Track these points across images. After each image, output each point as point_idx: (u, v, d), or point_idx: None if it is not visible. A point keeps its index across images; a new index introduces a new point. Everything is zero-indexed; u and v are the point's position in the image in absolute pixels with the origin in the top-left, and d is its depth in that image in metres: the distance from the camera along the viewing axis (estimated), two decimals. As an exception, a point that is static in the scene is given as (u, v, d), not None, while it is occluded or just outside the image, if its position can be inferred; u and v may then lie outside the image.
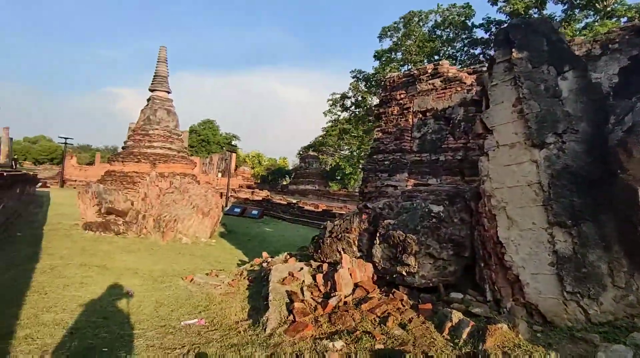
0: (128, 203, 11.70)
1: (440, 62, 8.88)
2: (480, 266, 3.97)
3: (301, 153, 63.34)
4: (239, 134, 70.47)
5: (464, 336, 3.06)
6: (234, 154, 50.20)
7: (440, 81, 8.60)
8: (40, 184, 24.89)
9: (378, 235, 4.66)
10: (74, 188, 31.33)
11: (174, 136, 23.68)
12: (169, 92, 24.21)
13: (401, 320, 3.68)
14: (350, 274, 4.59)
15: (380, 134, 10.21)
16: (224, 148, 63.61)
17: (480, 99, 5.45)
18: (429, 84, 8.84)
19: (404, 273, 4.26)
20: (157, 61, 23.88)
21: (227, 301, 4.84)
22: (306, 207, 21.42)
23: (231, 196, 27.31)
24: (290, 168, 71.30)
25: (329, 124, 48.60)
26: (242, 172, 54.77)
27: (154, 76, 23.72)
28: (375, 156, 10.01)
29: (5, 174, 7.82)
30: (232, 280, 5.60)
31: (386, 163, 9.46)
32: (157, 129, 22.80)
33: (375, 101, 43.54)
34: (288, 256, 6.50)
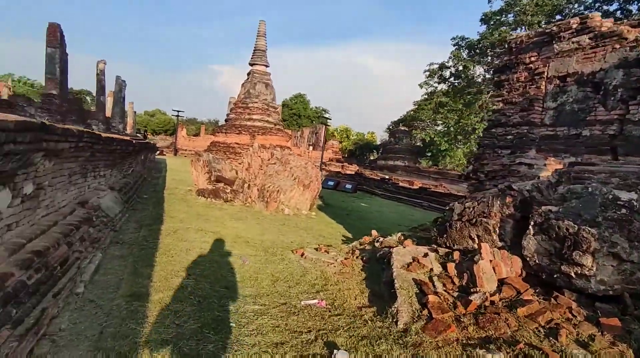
0: (233, 172, 12.22)
1: (590, 15, 7.11)
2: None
3: (391, 127, 61.23)
4: (328, 108, 70.56)
5: None
6: (324, 127, 50.56)
7: (589, 38, 6.89)
8: (158, 152, 27.99)
9: (532, 223, 3.76)
10: (185, 156, 34.82)
11: (271, 109, 24.37)
12: (267, 66, 24.79)
13: (577, 335, 2.87)
14: (494, 268, 3.81)
15: (502, 104, 8.79)
16: (314, 122, 64.66)
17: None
18: (573, 42, 7.17)
19: (572, 274, 3.35)
20: (257, 35, 24.46)
21: (344, 282, 4.47)
22: (400, 183, 20.45)
23: (322, 169, 27.53)
24: (378, 142, 69.70)
25: (424, 97, 45.59)
26: (331, 146, 55.13)
27: (254, 50, 24.42)
28: (494, 130, 8.69)
29: (134, 142, 8.54)
30: (345, 259, 5.23)
31: (508, 137, 8.14)
32: (256, 102, 23.65)
33: (479, 70, 39.38)
34: (402, 238, 5.91)
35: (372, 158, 66.39)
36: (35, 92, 40.23)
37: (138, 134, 51.97)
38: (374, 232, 6.67)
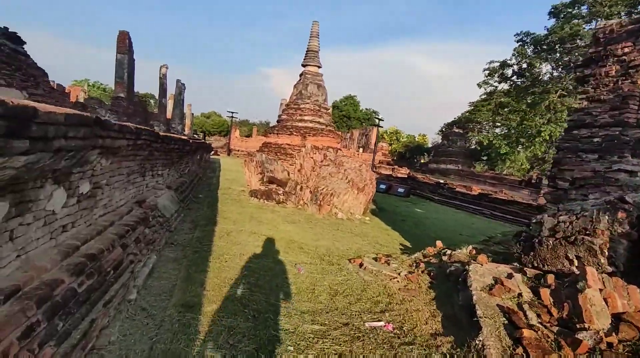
0: (285, 173, 12.06)
1: None
2: None
3: (444, 129, 58.88)
4: (378, 109, 69.46)
5: None
6: (375, 129, 49.65)
7: None
8: (213, 152, 28.99)
9: (661, 247, 3.00)
10: (237, 156, 35.82)
11: (323, 110, 24.15)
12: (319, 67, 24.63)
13: None
14: (605, 300, 3.10)
15: (586, 102, 7.71)
16: (364, 124, 63.87)
17: None
18: (682, 28, 6.05)
19: None
20: (310, 36, 24.38)
21: (411, 301, 3.95)
22: (457, 188, 19.22)
23: (373, 171, 26.81)
24: (430, 145, 67.36)
25: (482, 97, 43.04)
26: (380, 148, 54.06)
27: (307, 51, 24.37)
28: (576, 132, 7.65)
29: (191, 141, 8.61)
30: (410, 273, 4.68)
31: (595, 140, 7.11)
32: (307, 103, 23.57)
33: (546, 68, 36.30)
34: (474, 251, 5.24)
35: (422, 161, 64.30)
36: (106, 96, 43.72)
37: (195, 135, 54.68)
38: (438, 243, 6.04)
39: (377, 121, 31.15)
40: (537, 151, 33.42)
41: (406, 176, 22.68)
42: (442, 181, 19.89)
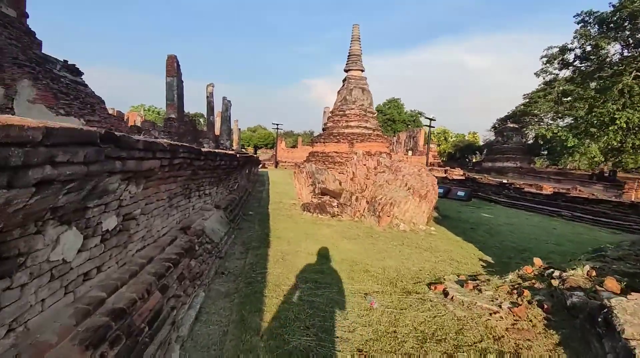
0: (337, 183, 11.31)
1: None
2: None
3: (497, 125, 55.38)
4: (423, 110, 67.05)
5: None
6: (423, 131, 47.69)
7: None
8: (260, 165, 29.10)
9: None
10: (285, 168, 35.84)
11: (369, 114, 23.24)
12: (362, 71, 23.82)
13: None
14: None
15: None
16: (410, 126, 61.86)
17: None
18: None
19: None
20: (351, 40, 23.70)
21: (529, 348, 2.96)
22: (525, 188, 17.31)
23: (426, 175, 25.29)
24: (481, 143, 63.73)
25: (540, 86, 39.65)
26: (430, 149, 51.86)
27: (349, 55, 23.69)
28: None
29: (238, 156, 8.16)
30: (513, 305, 3.66)
31: None
32: (353, 108, 22.79)
33: (615, 47, 32.46)
34: (593, 272, 4.08)
35: (475, 160, 60.89)
36: (160, 119, 46.19)
37: (243, 149, 56.03)
38: (537, 261, 4.90)
39: (428, 120, 29.43)
40: (611, 140, 29.73)
41: (463, 178, 20.98)
42: (505, 181, 18.05)
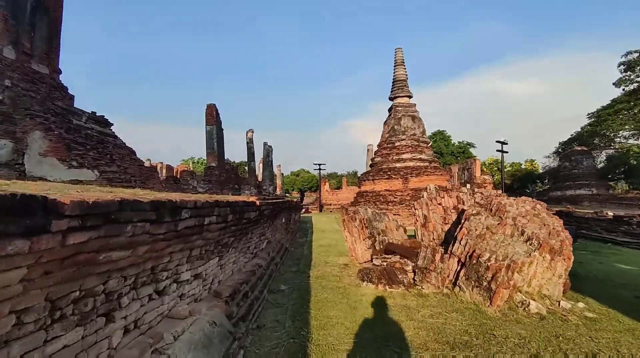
0: (401, 230, 8.26)
1: None
2: None
3: (561, 150, 49.77)
4: (472, 141, 62.81)
5: None
6: (478, 162, 43.25)
7: None
8: (303, 210, 26.57)
9: None
10: (330, 211, 33.04)
11: (423, 145, 20.17)
12: (410, 97, 21.15)
13: None
14: None
15: None
16: (459, 158, 57.53)
17: None
18: None
19: None
20: (394, 65, 21.37)
21: None
22: (649, 222, 12.97)
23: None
24: (541, 171, 57.47)
25: (621, 94, 34.58)
26: (483, 181, 47.07)
27: (393, 81, 21.25)
28: None
29: (263, 203, 5.52)
30: None
31: None
32: (403, 139, 19.91)
33: None
34: None
35: (538, 189, 54.58)
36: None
37: (287, 194, 54.40)
38: None
39: (500, 145, 25.54)
40: None
41: (555, 212, 16.80)
42: (622, 215, 13.80)
